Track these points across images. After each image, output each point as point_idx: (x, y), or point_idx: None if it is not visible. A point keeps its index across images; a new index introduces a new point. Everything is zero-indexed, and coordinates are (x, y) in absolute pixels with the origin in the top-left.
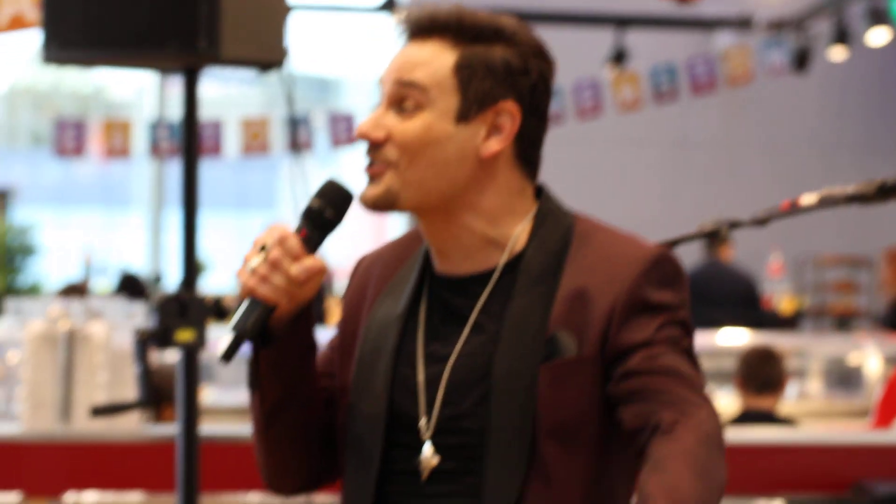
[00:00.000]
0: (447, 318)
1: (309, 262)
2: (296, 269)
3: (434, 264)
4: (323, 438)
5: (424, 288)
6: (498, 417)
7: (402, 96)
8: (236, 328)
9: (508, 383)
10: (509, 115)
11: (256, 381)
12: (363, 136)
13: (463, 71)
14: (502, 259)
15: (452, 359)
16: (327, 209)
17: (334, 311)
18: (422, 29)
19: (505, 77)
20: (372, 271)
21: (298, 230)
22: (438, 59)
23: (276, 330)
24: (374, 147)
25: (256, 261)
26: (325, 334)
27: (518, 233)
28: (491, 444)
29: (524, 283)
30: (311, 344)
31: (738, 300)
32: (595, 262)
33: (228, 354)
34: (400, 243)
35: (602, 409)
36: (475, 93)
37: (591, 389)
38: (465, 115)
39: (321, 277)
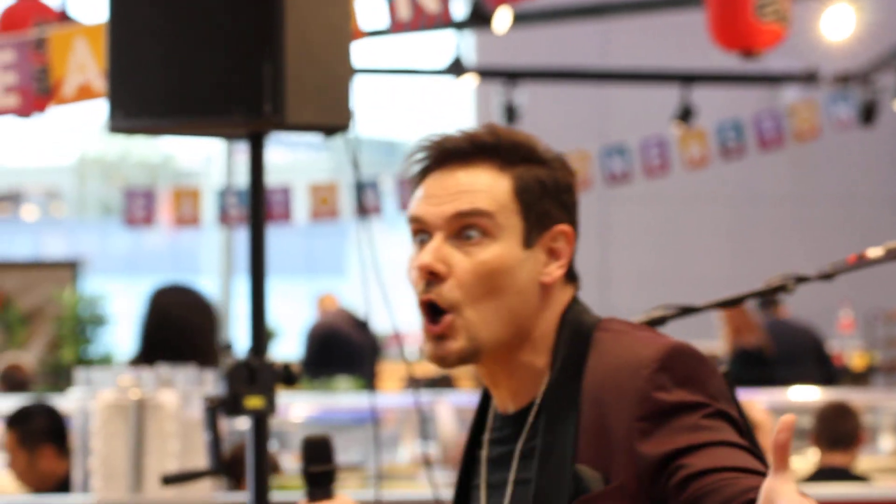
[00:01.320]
0: (501, 463)
1: None
2: None
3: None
4: None
5: (488, 421)
6: None
7: (465, 226)
8: None
9: None
10: (565, 237)
11: None
12: (427, 268)
13: (523, 194)
14: (540, 389)
15: None
16: (320, 466)
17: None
18: (459, 154)
19: (556, 197)
20: None
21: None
22: (494, 183)
23: None
24: (432, 284)
25: None
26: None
27: (547, 359)
28: None
29: (548, 419)
30: None
31: (808, 357)
32: (605, 378)
33: None
34: None
35: None
36: (536, 216)
37: None
38: (529, 240)
39: None
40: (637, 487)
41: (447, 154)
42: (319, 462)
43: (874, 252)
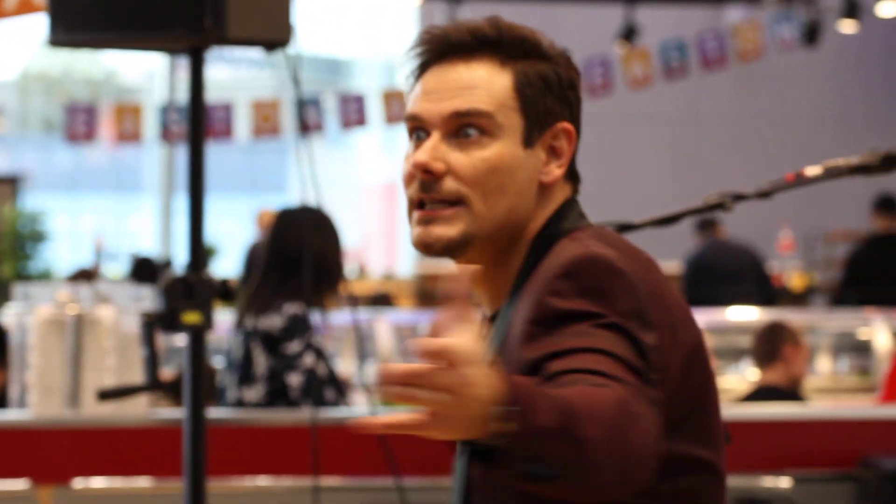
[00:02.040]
0: None
1: None
2: None
3: None
4: None
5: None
6: None
7: (462, 125)
8: None
9: None
10: (566, 135)
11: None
12: (423, 168)
13: (525, 90)
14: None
15: None
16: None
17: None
18: (460, 47)
19: (559, 94)
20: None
21: None
22: (495, 79)
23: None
24: (431, 182)
25: None
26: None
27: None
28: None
29: (497, 322)
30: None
31: (748, 277)
32: (531, 282)
33: None
34: None
35: None
36: (536, 113)
37: None
38: (529, 139)
39: None
40: None
41: (448, 47)
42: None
43: (812, 170)
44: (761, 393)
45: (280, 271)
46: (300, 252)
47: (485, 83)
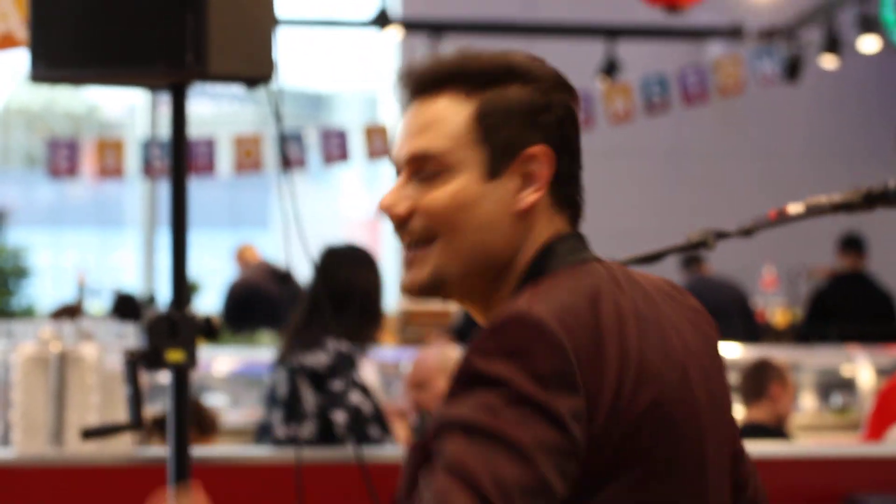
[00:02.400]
0: None
1: None
2: None
3: None
4: None
5: None
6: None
7: (419, 167)
8: None
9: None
10: (540, 159)
11: None
12: (386, 211)
13: (483, 121)
14: None
15: None
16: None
17: None
18: (426, 84)
19: (527, 119)
20: None
21: None
22: (452, 114)
23: None
24: (401, 224)
25: None
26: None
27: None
28: None
29: None
30: None
31: (733, 313)
32: None
33: None
34: None
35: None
36: (501, 143)
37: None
38: (494, 169)
39: None
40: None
41: (417, 85)
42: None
43: (795, 208)
44: (747, 430)
45: (324, 308)
46: (346, 289)
47: (442, 120)
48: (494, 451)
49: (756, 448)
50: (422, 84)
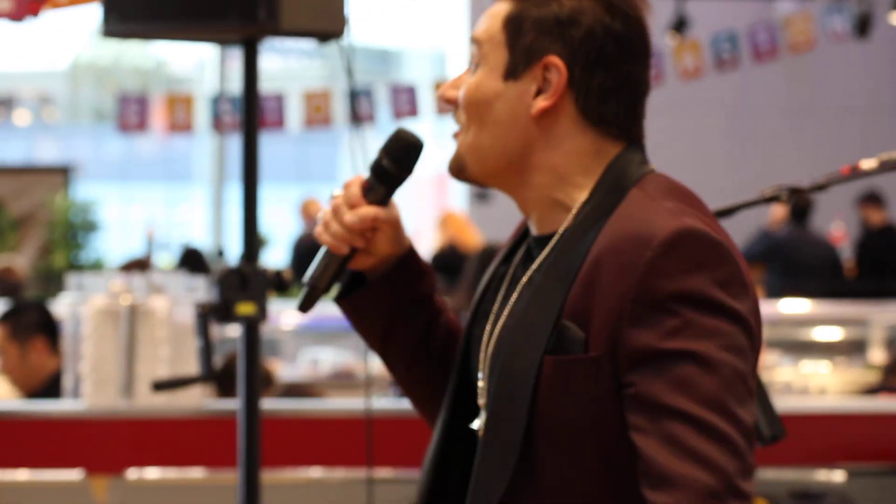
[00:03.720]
0: (518, 279)
1: (364, 210)
2: (350, 216)
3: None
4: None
5: (523, 245)
6: (496, 404)
7: (472, 55)
8: (308, 280)
9: (511, 370)
10: (556, 69)
11: (353, 326)
12: (440, 96)
13: (510, 25)
14: (562, 225)
15: (498, 328)
16: (387, 161)
17: None
18: None
19: (551, 30)
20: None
21: (364, 182)
22: (496, 15)
23: (368, 280)
24: (455, 108)
25: (325, 208)
26: None
27: (586, 197)
28: (487, 434)
29: (551, 258)
30: (416, 295)
31: (825, 268)
32: (613, 240)
33: (304, 306)
34: None
35: (613, 415)
36: (521, 47)
37: (599, 393)
38: (513, 71)
39: (391, 228)
40: (610, 365)
41: None
42: (399, 161)
43: (868, 163)
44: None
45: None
46: None
47: (491, 18)
48: (724, 387)
49: (825, 403)
50: None
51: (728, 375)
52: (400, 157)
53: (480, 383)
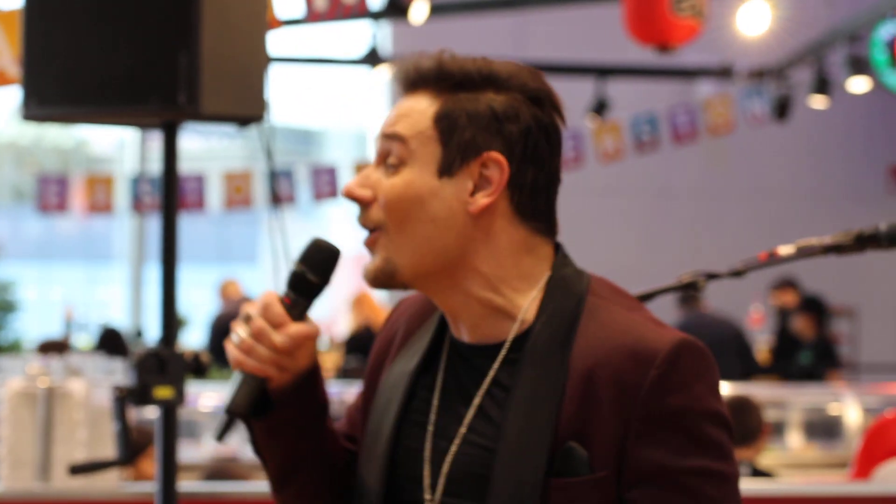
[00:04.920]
0: (457, 391)
1: (294, 329)
2: (279, 338)
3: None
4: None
5: (444, 348)
6: None
7: (387, 151)
8: (228, 408)
9: (508, 495)
10: (496, 165)
11: (256, 448)
12: (349, 196)
13: (443, 121)
14: (511, 334)
15: (455, 446)
16: (310, 273)
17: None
18: (409, 82)
19: (489, 125)
20: (401, 319)
21: (284, 297)
22: (421, 111)
23: (277, 398)
24: (362, 208)
25: (241, 332)
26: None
27: (528, 303)
28: None
29: (529, 372)
30: (319, 409)
31: (730, 350)
32: (602, 355)
33: (221, 434)
34: None
35: None
36: (457, 144)
37: None
38: (448, 167)
39: (313, 343)
40: (616, 482)
41: (403, 81)
42: (322, 273)
43: (785, 249)
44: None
45: None
46: None
47: (413, 113)
48: (730, 486)
49: (742, 486)
50: (406, 81)
51: (734, 485)
52: (323, 267)
53: (427, 497)
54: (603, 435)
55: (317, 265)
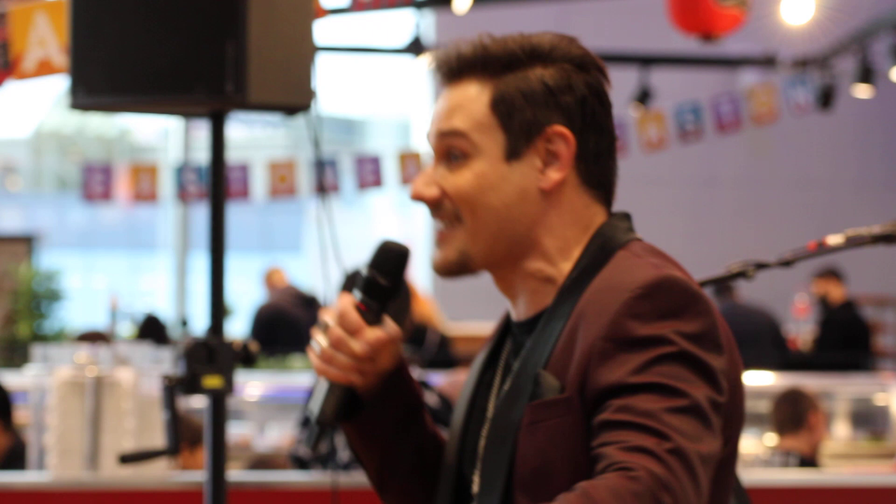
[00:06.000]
0: (508, 373)
1: (371, 334)
2: (358, 345)
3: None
4: None
5: (508, 338)
6: (486, 466)
7: (448, 147)
8: (318, 419)
9: (498, 430)
10: (562, 138)
11: (354, 452)
12: (417, 198)
13: (500, 106)
14: (551, 301)
15: (491, 413)
16: (381, 277)
17: None
18: (452, 71)
19: (546, 100)
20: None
21: (358, 303)
22: (473, 99)
23: (366, 400)
24: (433, 207)
25: (321, 341)
26: None
27: (571, 268)
28: (480, 496)
29: (543, 326)
30: (412, 408)
31: (765, 340)
32: (595, 293)
33: (314, 444)
34: None
35: (586, 455)
36: (519, 125)
37: (568, 436)
38: (514, 151)
39: (394, 345)
40: (579, 404)
41: (445, 72)
42: (392, 275)
43: (834, 239)
44: (779, 458)
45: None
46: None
47: (466, 104)
48: (684, 412)
49: (789, 476)
50: (450, 71)
51: (692, 405)
52: (392, 270)
53: (475, 483)
54: (577, 360)
55: (387, 269)
